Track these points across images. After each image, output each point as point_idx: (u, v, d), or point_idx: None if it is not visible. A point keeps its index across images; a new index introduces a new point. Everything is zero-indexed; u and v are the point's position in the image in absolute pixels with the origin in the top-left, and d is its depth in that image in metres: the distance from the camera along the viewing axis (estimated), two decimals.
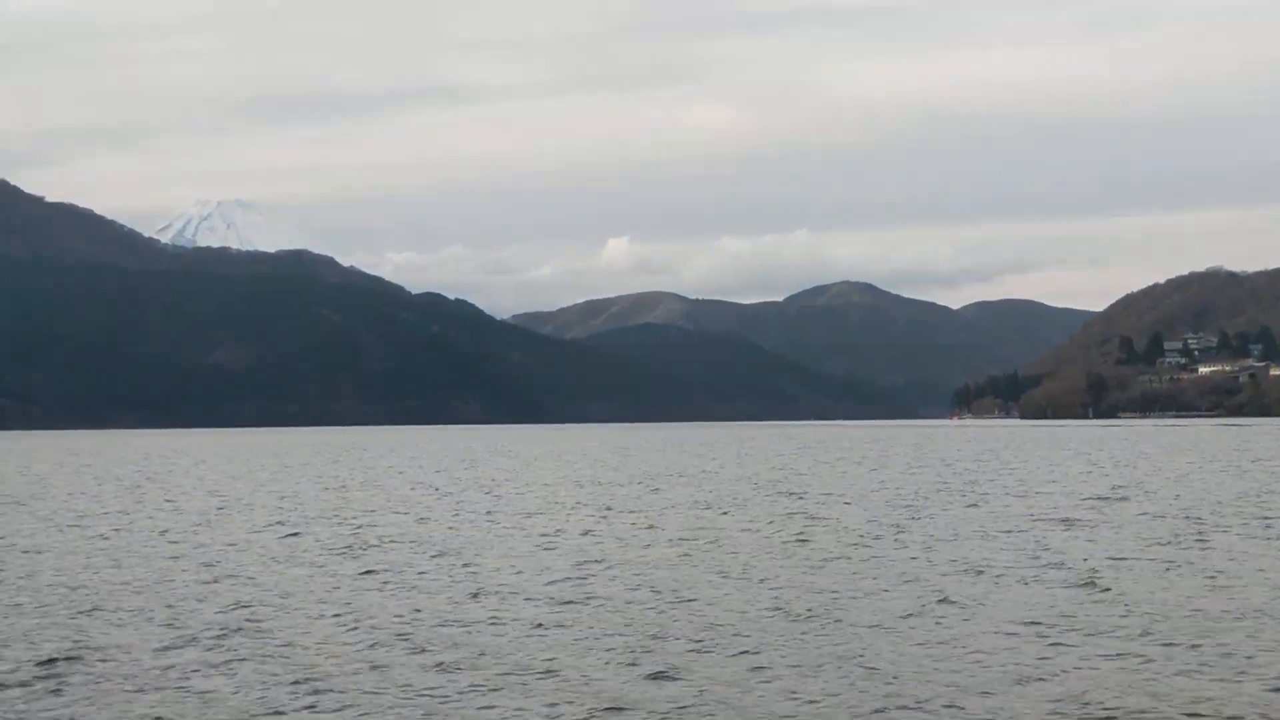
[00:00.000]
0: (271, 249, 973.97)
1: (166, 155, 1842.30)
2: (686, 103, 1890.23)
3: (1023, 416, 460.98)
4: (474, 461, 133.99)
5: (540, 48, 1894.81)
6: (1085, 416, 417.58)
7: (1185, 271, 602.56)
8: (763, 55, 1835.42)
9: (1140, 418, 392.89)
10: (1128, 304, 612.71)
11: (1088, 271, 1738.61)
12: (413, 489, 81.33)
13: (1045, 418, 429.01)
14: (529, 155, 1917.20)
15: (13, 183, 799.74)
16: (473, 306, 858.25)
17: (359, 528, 52.47)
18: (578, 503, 65.42)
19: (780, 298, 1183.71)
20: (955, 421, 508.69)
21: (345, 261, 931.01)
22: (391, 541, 46.53)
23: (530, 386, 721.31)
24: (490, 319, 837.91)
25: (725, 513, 57.02)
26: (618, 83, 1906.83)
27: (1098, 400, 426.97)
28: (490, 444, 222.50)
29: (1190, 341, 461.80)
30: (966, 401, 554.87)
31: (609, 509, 60.32)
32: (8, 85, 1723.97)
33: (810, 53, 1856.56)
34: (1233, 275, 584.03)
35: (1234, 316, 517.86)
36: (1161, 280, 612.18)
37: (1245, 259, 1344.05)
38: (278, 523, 55.72)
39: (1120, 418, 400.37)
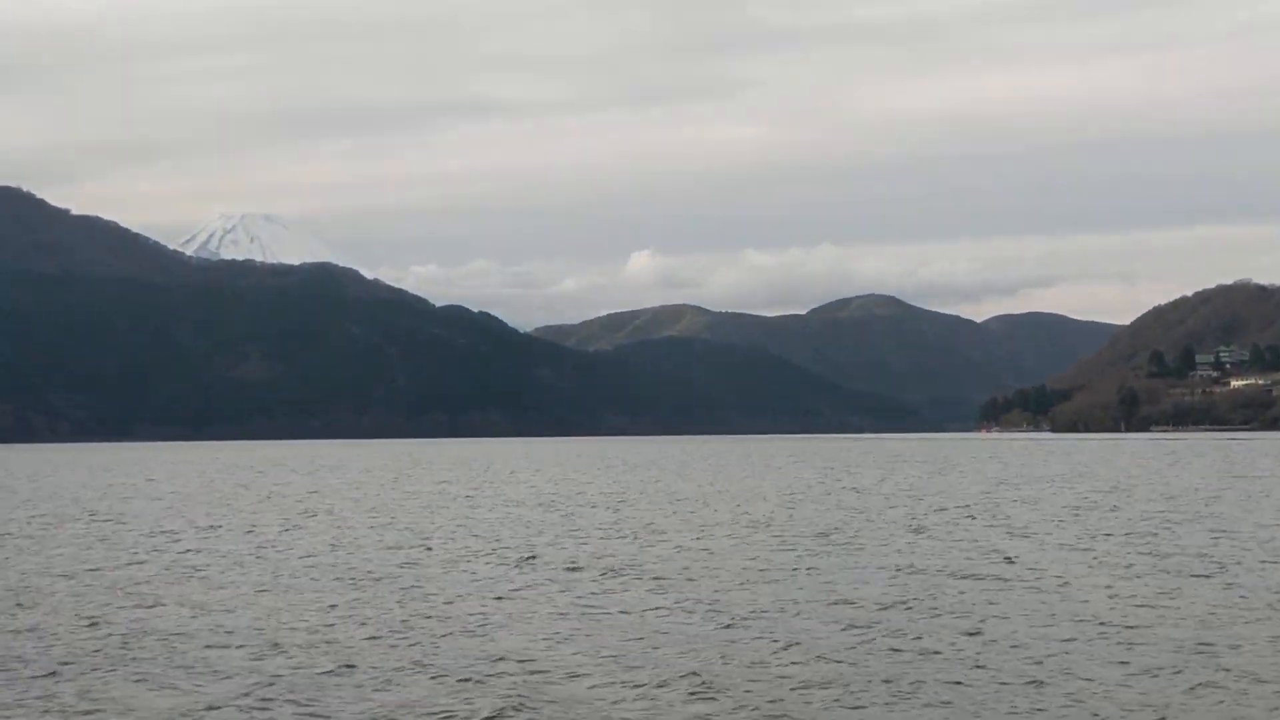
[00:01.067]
0: (295, 262, 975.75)
1: (191, 170, 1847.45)
2: (712, 119, 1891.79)
3: (1054, 430, 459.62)
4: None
5: (567, 64, 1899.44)
6: (1117, 430, 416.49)
7: (1211, 285, 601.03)
8: (790, 72, 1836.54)
9: (1173, 431, 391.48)
10: (1156, 317, 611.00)
11: (1111, 285, 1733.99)
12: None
13: (1076, 431, 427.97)
14: (553, 170, 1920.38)
15: (39, 195, 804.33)
16: (497, 320, 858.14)
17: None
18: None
19: (804, 311, 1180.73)
20: (984, 435, 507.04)
21: (369, 274, 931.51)
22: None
23: (557, 400, 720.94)
24: (515, 332, 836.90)
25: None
26: (644, 99, 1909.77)
27: (1129, 414, 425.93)
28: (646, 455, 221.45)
29: (1222, 355, 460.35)
30: (994, 415, 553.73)
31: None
32: (33, 101, 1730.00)
33: (837, 69, 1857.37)
34: (1262, 289, 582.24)
35: (1263, 330, 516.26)
36: (1189, 293, 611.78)
37: (1273, 272, 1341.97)
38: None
39: (1153, 431, 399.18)
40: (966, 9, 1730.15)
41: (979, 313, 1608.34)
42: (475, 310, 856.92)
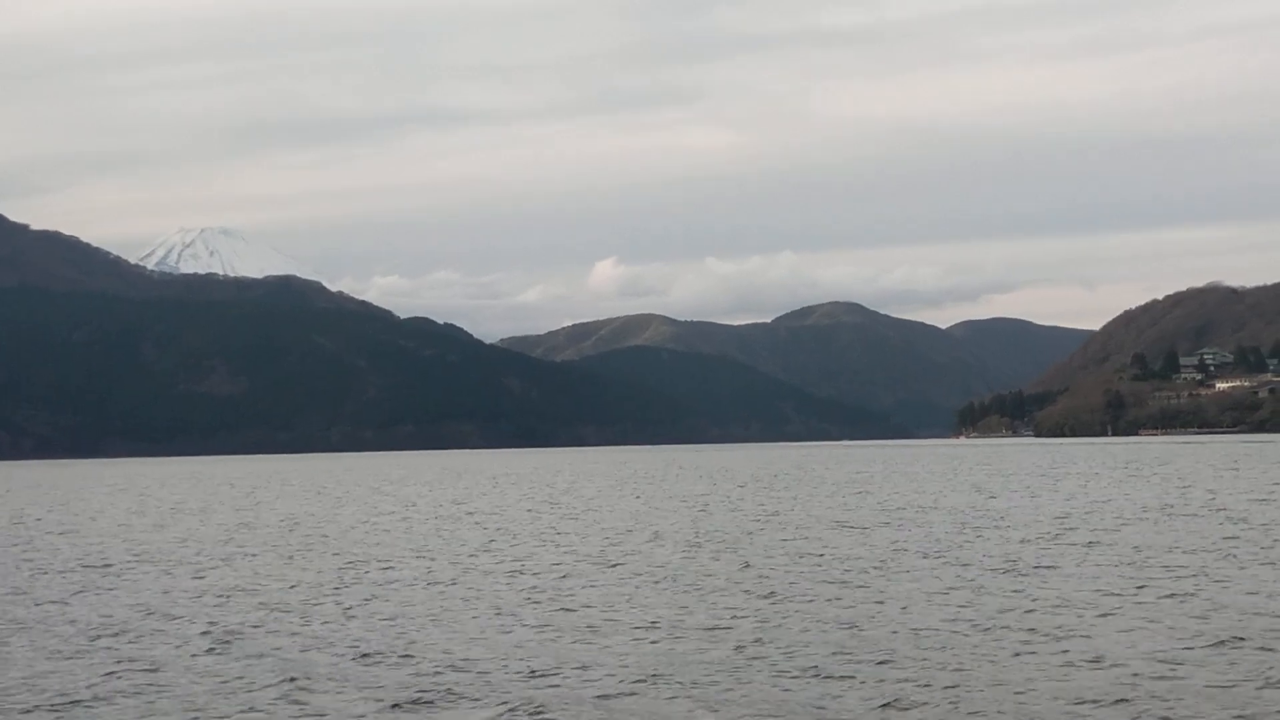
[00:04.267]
0: (256, 275, 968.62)
1: (150, 183, 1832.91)
2: (676, 126, 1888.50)
3: (1038, 435, 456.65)
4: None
5: (529, 73, 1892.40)
6: (1103, 434, 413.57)
7: (1172, 288, 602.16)
8: (757, 78, 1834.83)
9: (1162, 435, 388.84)
10: (1126, 321, 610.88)
11: (1073, 289, 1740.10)
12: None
13: (1062, 436, 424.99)
14: (516, 179, 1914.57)
15: None
16: (463, 331, 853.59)
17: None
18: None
19: (768, 319, 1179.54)
20: (962, 440, 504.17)
21: (332, 287, 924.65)
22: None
23: (527, 411, 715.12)
24: (481, 343, 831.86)
25: None
26: (607, 107, 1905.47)
27: (1116, 418, 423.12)
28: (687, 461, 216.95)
29: (1206, 357, 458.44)
30: (971, 420, 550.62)
31: None
32: None
33: (804, 75, 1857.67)
34: (1233, 291, 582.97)
35: (1235, 331, 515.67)
36: (1160, 296, 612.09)
37: (1237, 275, 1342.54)
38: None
39: (1141, 435, 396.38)
40: (929, 14, 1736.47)
41: (943, 319, 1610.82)
42: (440, 321, 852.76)
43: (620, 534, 61.91)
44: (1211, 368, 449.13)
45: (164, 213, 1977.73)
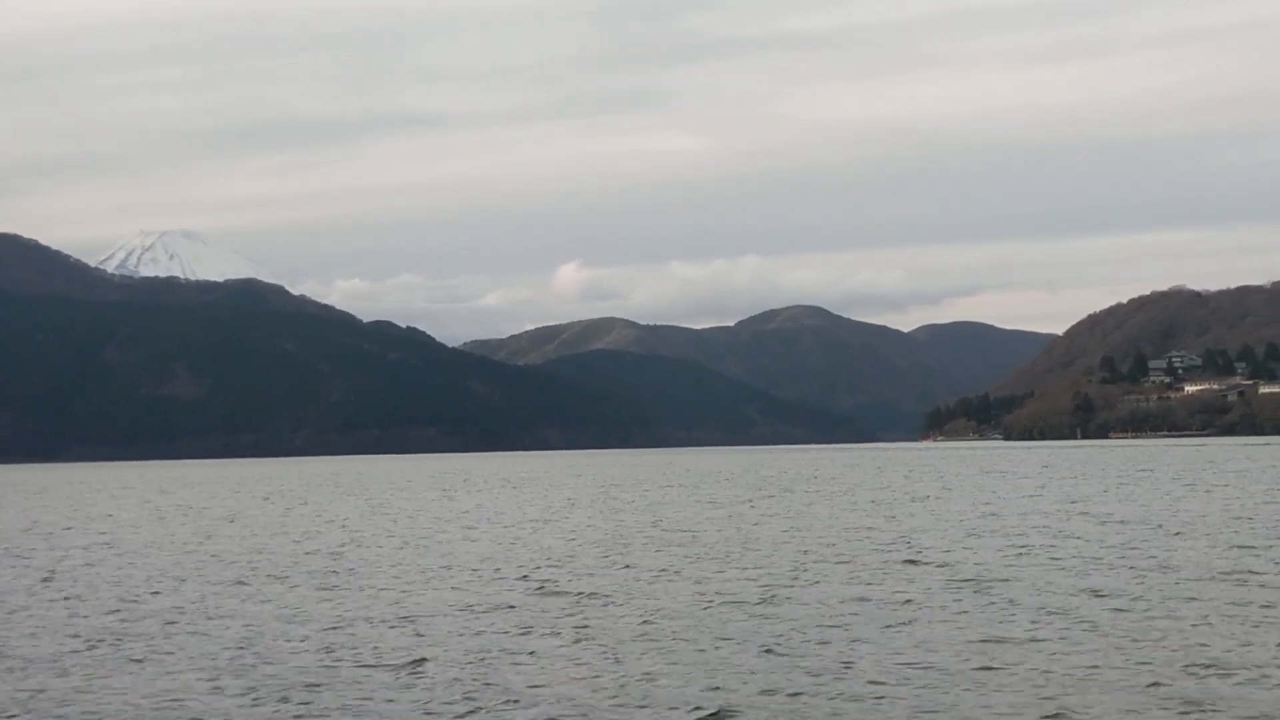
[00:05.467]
0: (217, 278, 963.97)
1: (110, 186, 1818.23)
2: (644, 131, 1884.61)
3: (1006, 438, 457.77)
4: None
5: (498, 78, 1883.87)
6: (1073, 438, 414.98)
7: (1136, 293, 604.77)
8: (724, 83, 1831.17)
9: (1132, 438, 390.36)
10: (1091, 324, 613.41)
11: (1035, 293, 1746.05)
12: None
13: (1032, 439, 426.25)
14: (479, 182, 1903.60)
15: None
16: (426, 334, 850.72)
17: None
18: None
19: (732, 322, 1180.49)
20: (929, 444, 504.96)
21: (294, 290, 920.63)
22: None
23: (491, 414, 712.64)
24: (444, 347, 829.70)
25: None
26: (572, 111, 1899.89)
27: (1086, 421, 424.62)
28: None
29: (1175, 360, 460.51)
30: (938, 424, 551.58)
31: None
32: None
33: (771, 80, 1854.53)
34: (1196, 294, 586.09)
35: (1199, 335, 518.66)
36: (1121, 300, 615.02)
37: (1199, 279, 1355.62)
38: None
39: (1112, 438, 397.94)
40: (894, 19, 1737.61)
41: (905, 322, 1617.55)
42: (403, 325, 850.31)
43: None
44: (1180, 371, 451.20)
45: (124, 216, 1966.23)
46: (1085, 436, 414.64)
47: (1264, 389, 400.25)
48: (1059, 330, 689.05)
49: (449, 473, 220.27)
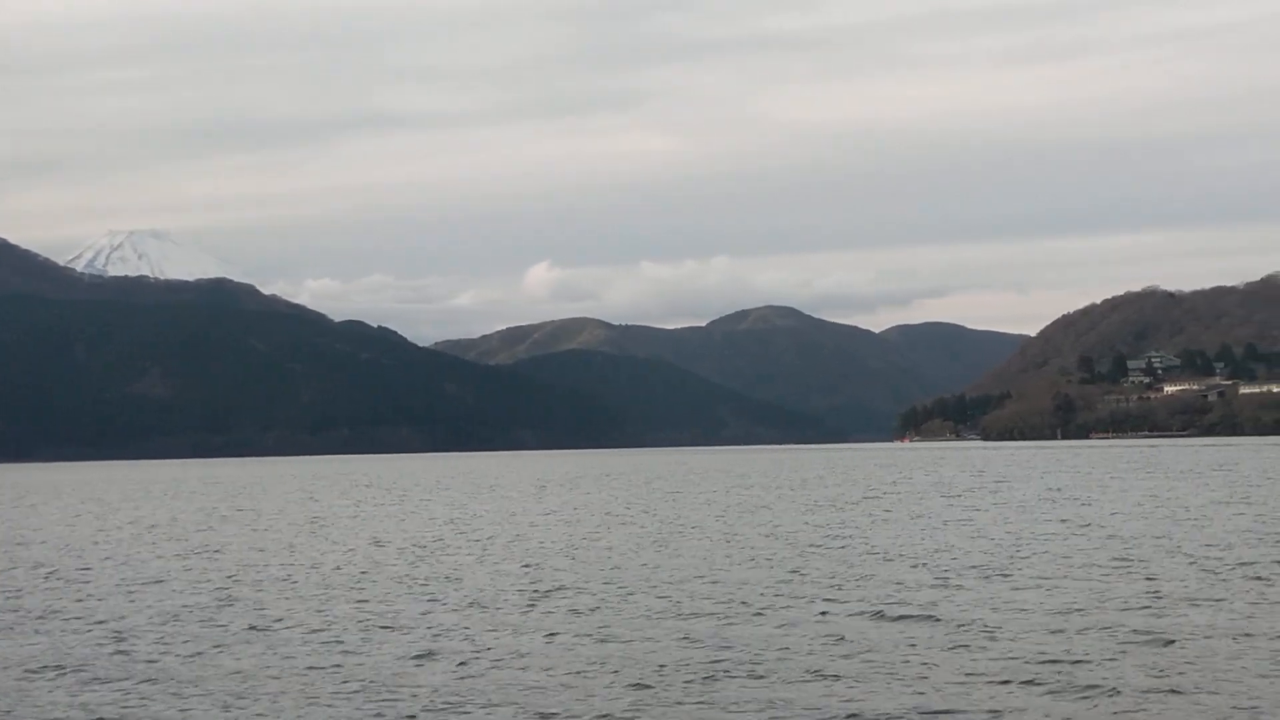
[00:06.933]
0: (187, 278, 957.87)
1: (79, 186, 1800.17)
2: (616, 131, 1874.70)
3: (985, 439, 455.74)
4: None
5: (469, 78, 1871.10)
6: (1053, 438, 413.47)
7: (1107, 294, 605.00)
8: (697, 83, 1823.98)
9: (1114, 439, 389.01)
10: (1065, 325, 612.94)
11: (1005, 294, 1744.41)
12: None
13: (1011, 439, 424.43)
14: (451, 182, 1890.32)
15: None
16: (397, 334, 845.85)
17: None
18: None
19: (703, 322, 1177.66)
20: (906, 444, 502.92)
21: (265, 290, 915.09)
22: None
23: (464, 415, 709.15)
24: (415, 347, 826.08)
25: None
26: (545, 111, 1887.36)
27: (1066, 421, 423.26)
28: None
29: (1154, 360, 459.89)
30: (914, 424, 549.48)
31: None
32: None
33: (744, 80, 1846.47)
34: (1170, 295, 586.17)
35: (1173, 336, 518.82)
36: (1092, 301, 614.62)
37: (1169, 280, 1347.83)
38: None
39: (1093, 439, 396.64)
40: (869, 20, 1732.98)
41: (876, 323, 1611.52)
42: (374, 325, 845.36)
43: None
44: (1159, 371, 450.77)
45: (92, 215, 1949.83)
46: (1065, 437, 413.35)
47: (1244, 389, 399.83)
48: (1030, 331, 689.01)
49: (473, 473, 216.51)
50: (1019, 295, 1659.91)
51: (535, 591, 39.92)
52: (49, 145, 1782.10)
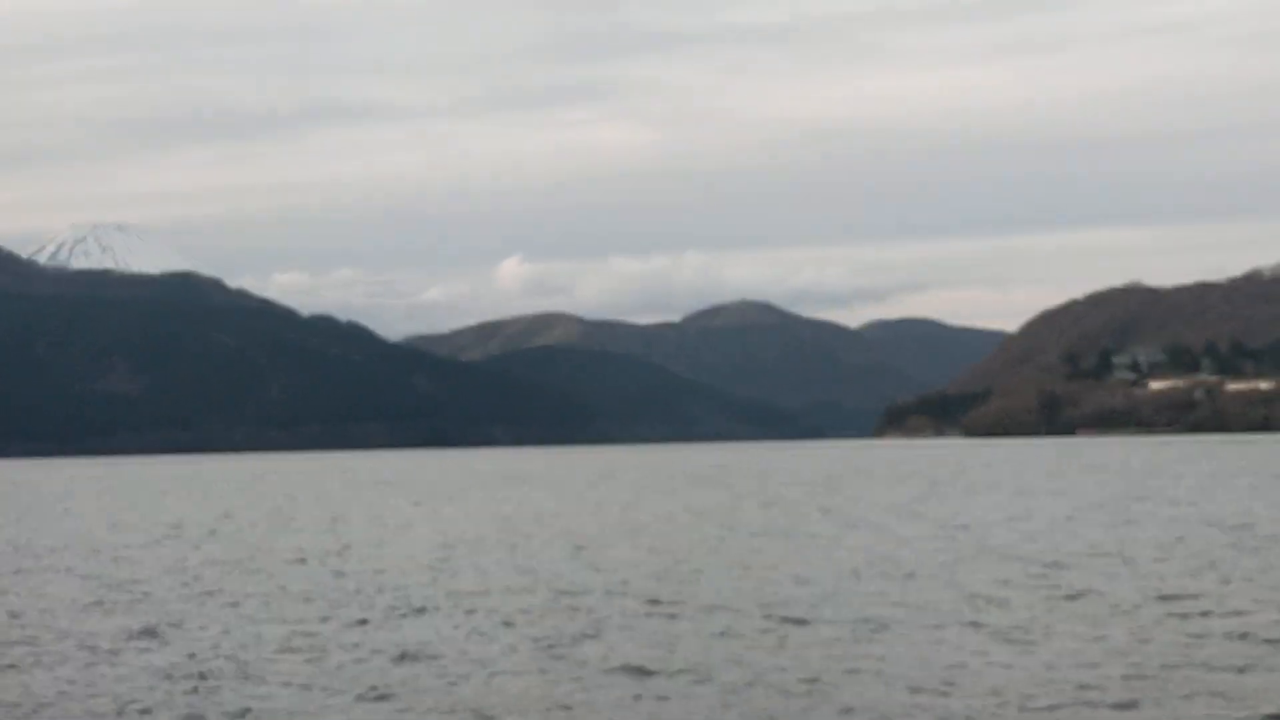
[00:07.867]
0: (152, 271, 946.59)
1: (41, 178, 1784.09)
2: (587, 124, 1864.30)
3: (968, 436, 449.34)
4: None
5: (438, 70, 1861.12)
6: (1038, 435, 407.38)
7: (1086, 289, 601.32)
8: (668, 76, 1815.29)
9: (1101, 435, 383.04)
10: (1046, 321, 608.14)
11: (983, 290, 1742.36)
12: None
13: (995, 436, 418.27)
14: (420, 175, 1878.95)
15: None
16: (366, 329, 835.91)
17: None
18: None
19: (677, 318, 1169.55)
20: (889, 442, 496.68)
21: (232, 284, 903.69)
22: None
23: (435, 411, 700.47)
24: (385, 342, 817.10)
25: None
26: (514, 104, 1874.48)
27: (1051, 418, 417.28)
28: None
29: (1139, 356, 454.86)
30: (896, 421, 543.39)
31: None
32: None
33: (716, 73, 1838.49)
34: (1152, 291, 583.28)
35: (1156, 331, 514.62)
36: (1073, 297, 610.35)
37: (1149, 276, 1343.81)
38: None
39: (1079, 435, 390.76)
40: (842, 13, 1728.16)
41: (852, 318, 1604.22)
42: (344, 320, 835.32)
43: None
44: (1144, 367, 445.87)
45: (55, 209, 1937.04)
46: (1051, 433, 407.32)
47: (1231, 386, 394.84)
48: (1010, 327, 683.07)
49: (489, 473, 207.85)
50: (998, 291, 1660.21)
51: None
52: (10, 137, 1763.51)
